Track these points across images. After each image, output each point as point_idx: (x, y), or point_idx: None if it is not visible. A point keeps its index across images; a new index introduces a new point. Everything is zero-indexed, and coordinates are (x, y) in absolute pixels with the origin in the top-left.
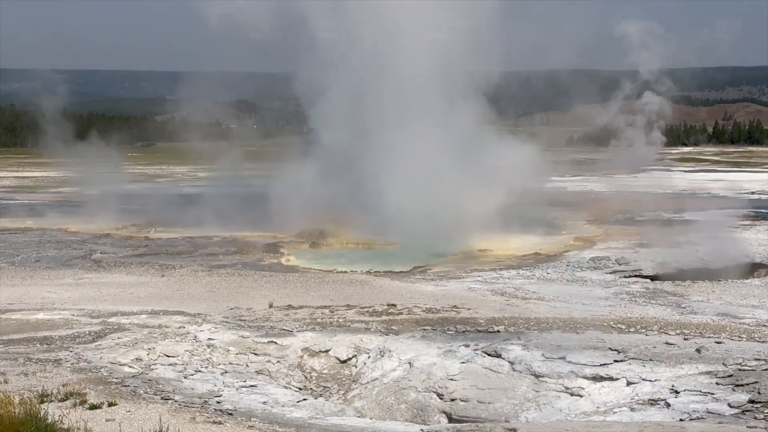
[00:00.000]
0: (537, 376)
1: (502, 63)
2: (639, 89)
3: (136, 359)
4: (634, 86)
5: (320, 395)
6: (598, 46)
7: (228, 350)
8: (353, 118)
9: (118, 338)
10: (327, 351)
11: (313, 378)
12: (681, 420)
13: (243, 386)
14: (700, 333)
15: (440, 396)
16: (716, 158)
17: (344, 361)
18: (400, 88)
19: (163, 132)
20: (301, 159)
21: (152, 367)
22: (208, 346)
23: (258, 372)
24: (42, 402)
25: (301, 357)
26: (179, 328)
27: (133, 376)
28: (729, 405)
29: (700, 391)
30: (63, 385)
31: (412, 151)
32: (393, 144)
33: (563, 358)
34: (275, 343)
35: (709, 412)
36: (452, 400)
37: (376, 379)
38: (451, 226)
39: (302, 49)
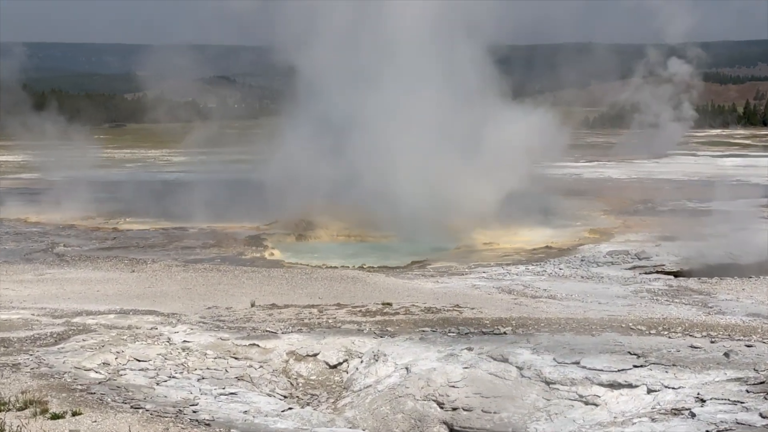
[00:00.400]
0: (548, 382)
1: (504, 29)
2: (664, 58)
3: (103, 364)
4: (658, 53)
5: (307, 404)
6: (615, 15)
7: (205, 354)
8: (340, 86)
9: (83, 340)
10: (315, 355)
11: (300, 385)
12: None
13: (222, 394)
14: (729, 335)
15: (440, 405)
16: (747, 142)
17: (334, 366)
18: (392, 44)
19: (134, 112)
20: (286, 143)
21: (121, 372)
22: (183, 350)
23: (238, 378)
24: None
25: (287, 361)
26: (151, 329)
27: (99, 383)
28: (761, 415)
29: (729, 399)
30: (22, 393)
31: (408, 130)
32: (387, 123)
33: (577, 363)
34: (258, 346)
35: (738, 423)
36: (454, 409)
37: (370, 386)
38: (454, 217)
39: (285, 13)
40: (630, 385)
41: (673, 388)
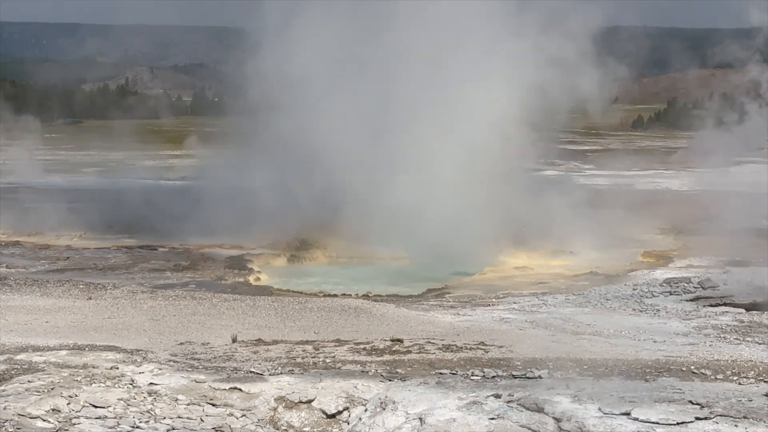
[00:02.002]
0: None
1: None
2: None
3: (53, 410)
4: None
5: None
6: None
7: (176, 399)
8: (338, 76)
9: (29, 382)
10: (309, 402)
11: None
12: None
13: None
14: None
15: None
16: None
17: (332, 416)
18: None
19: (93, 106)
20: (274, 142)
21: (74, 421)
22: (150, 394)
23: (216, 429)
24: None
25: (275, 409)
26: (111, 368)
27: None
28: None
29: None
30: None
31: (426, 126)
32: (400, 116)
33: (627, 414)
34: (240, 390)
35: None
36: None
37: None
38: (479, 234)
39: None
40: None
41: None
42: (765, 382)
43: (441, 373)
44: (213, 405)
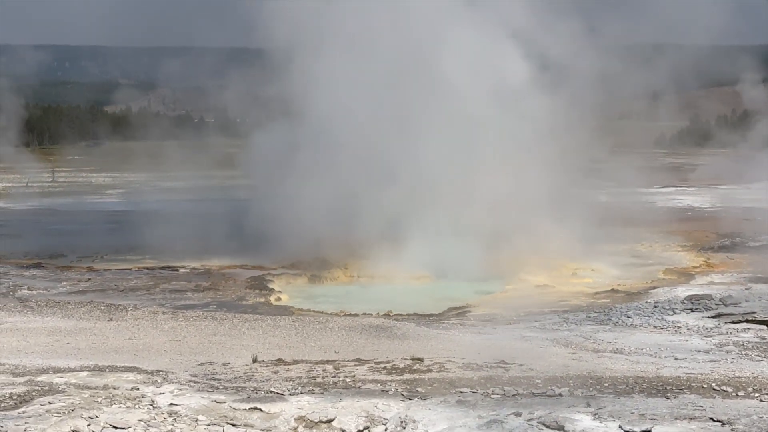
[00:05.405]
0: None
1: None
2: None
3: None
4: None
5: None
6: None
7: (196, 420)
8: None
9: (50, 403)
10: (329, 421)
11: None
12: None
13: None
14: None
15: None
16: None
17: None
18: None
19: (115, 127)
20: (294, 163)
21: None
22: (170, 415)
23: None
24: None
25: (295, 429)
26: (131, 389)
27: None
28: None
29: None
30: None
31: (445, 141)
32: (418, 130)
33: (648, 431)
34: (260, 410)
35: None
36: None
37: None
38: (501, 252)
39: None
40: None
41: None
42: None
43: (461, 392)
44: (233, 425)
